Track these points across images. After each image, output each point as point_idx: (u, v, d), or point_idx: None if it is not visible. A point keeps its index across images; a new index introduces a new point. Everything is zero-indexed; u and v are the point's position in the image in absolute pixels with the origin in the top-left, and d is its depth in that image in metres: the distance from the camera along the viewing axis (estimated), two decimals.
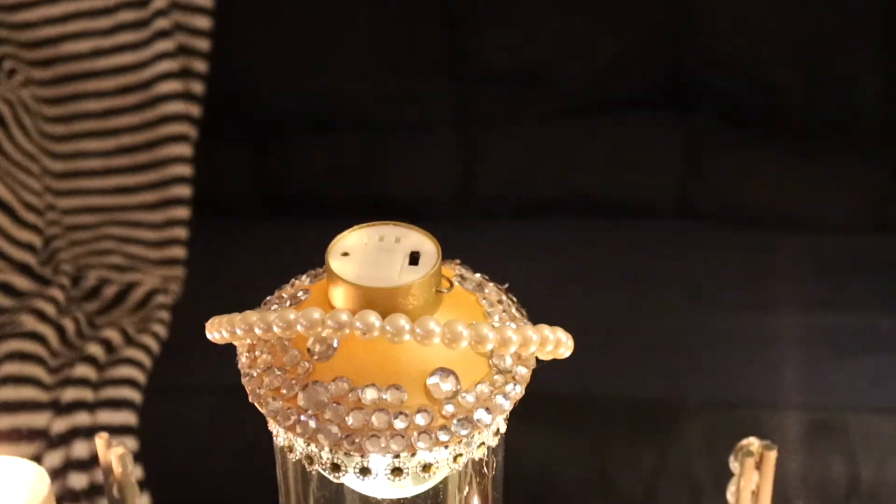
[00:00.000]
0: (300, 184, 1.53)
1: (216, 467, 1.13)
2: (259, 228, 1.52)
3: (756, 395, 1.15)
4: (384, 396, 0.43)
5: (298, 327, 0.42)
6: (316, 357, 0.44)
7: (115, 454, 0.60)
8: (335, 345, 0.44)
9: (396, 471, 0.44)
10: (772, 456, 0.58)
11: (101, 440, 0.61)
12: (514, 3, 1.52)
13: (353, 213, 1.52)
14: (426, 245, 0.46)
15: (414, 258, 0.45)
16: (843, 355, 1.22)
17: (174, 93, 1.43)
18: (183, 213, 1.42)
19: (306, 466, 0.45)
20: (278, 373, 0.45)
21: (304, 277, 0.50)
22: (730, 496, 0.60)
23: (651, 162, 1.52)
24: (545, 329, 0.45)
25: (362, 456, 0.44)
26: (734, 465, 0.59)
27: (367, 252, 0.45)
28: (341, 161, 1.54)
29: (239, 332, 0.45)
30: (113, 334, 1.21)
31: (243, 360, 0.46)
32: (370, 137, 1.52)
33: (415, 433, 0.43)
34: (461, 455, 0.45)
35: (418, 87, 1.52)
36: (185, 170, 1.43)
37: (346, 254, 0.45)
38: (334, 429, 0.43)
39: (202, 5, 1.43)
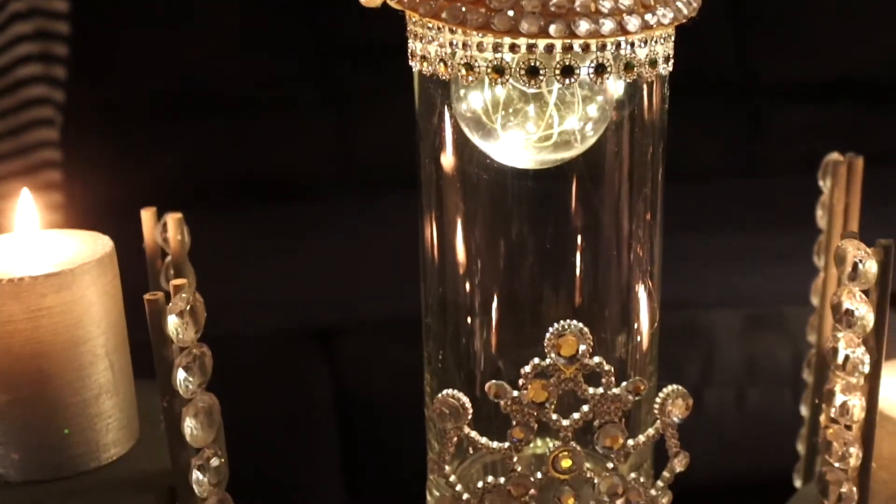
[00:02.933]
0: (169, 170, 1.46)
1: None
2: (132, 219, 1.43)
3: (691, 298, 1.16)
4: None
5: None
6: None
7: (173, 219, 0.53)
8: None
9: (600, 69, 0.41)
10: (859, 164, 0.57)
11: (147, 213, 0.54)
12: None
13: (226, 198, 1.46)
14: None
15: None
16: (753, 263, 1.25)
17: (35, 76, 1.34)
18: (57, 199, 1.33)
19: (493, 84, 0.42)
20: None
21: None
22: (819, 219, 0.59)
23: None
24: None
25: (566, 48, 0.40)
26: (823, 182, 0.58)
27: None
28: (212, 145, 1.48)
29: None
30: None
31: None
32: (240, 120, 1.47)
33: (624, 15, 0.40)
34: (657, 60, 0.43)
35: (284, 66, 1.48)
36: (54, 154, 1.34)
37: None
38: (537, 15, 0.40)
39: None
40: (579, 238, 0.47)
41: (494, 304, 0.47)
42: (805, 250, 0.65)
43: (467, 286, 0.47)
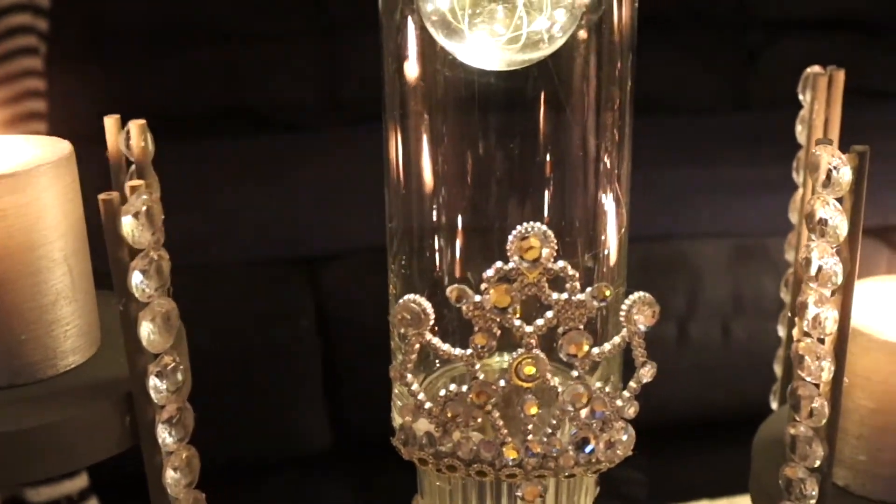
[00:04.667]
0: (155, 100, 1.44)
1: None
2: None
3: (678, 229, 1.15)
4: None
5: None
6: None
7: (136, 125, 0.52)
8: None
9: None
10: (840, 77, 0.56)
11: (110, 120, 0.52)
12: None
13: (214, 130, 1.45)
14: None
15: None
16: (743, 196, 1.24)
17: (19, 4, 1.32)
18: (40, 127, 1.31)
19: None
20: None
21: None
22: (799, 135, 0.58)
23: None
24: None
25: None
26: (803, 95, 0.57)
27: None
28: (200, 75, 1.46)
29: None
30: None
31: None
32: (228, 50, 1.45)
33: None
34: None
35: None
36: (38, 83, 1.32)
37: None
38: None
39: None
40: (546, 147, 0.46)
41: (460, 217, 0.46)
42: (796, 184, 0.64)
43: (432, 199, 0.46)
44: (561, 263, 0.43)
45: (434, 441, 0.46)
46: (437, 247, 0.47)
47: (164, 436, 0.46)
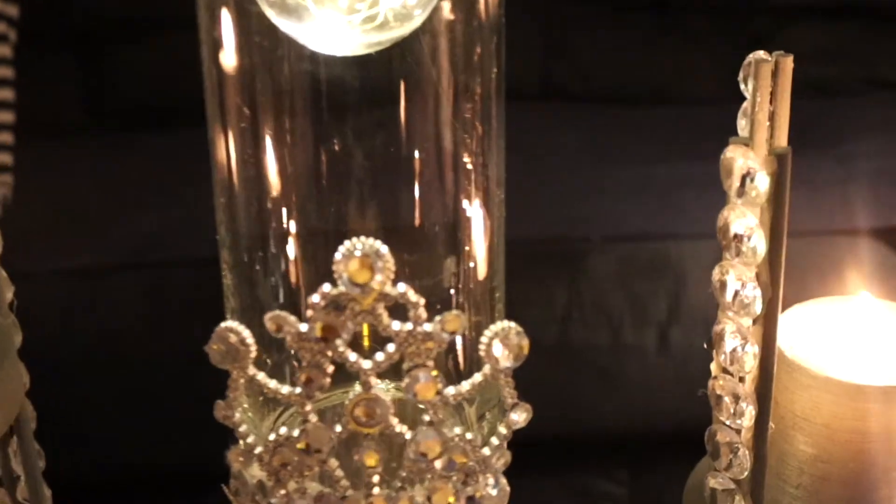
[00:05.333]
0: (127, 90, 1.38)
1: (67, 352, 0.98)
2: (87, 141, 1.35)
3: (661, 229, 1.07)
4: None
5: None
6: None
7: None
8: None
9: None
10: (788, 64, 0.48)
11: None
12: None
13: (189, 121, 1.38)
14: None
15: None
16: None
17: None
18: (7, 117, 1.25)
19: None
20: None
21: None
22: (741, 131, 0.50)
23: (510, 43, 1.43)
24: None
25: None
26: (745, 86, 0.49)
27: None
28: (172, 66, 1.39)
29: None
30: None
31: None
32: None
33: None
34: None
35: None
36: (6, 72, 1.26)
37: None
38: None
39: None
40: (393, 145, 0.38)
41: (294, 225, 0.39)
42: (802, 178, 0.56)
43: (263, 205, 0.39)
44: (402, 288, 0.35)
45: (267, 491, 0.38)
46: (268, 260, 0.40)
47: None
